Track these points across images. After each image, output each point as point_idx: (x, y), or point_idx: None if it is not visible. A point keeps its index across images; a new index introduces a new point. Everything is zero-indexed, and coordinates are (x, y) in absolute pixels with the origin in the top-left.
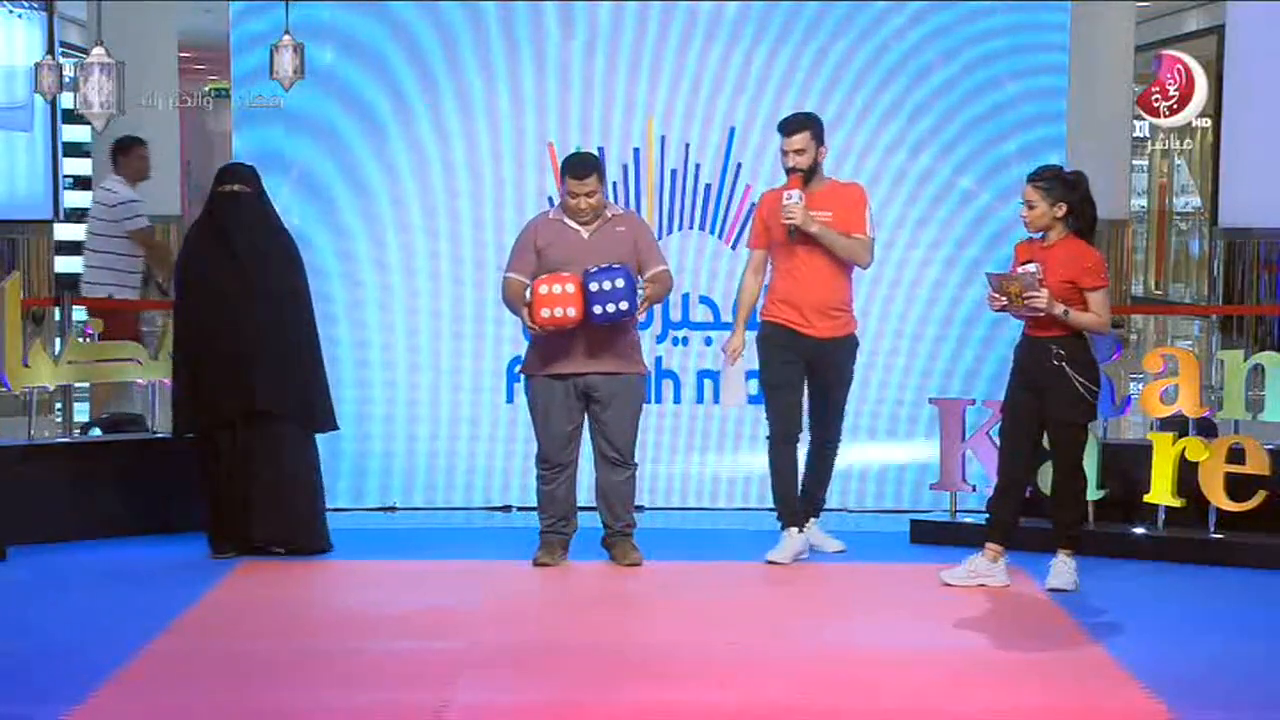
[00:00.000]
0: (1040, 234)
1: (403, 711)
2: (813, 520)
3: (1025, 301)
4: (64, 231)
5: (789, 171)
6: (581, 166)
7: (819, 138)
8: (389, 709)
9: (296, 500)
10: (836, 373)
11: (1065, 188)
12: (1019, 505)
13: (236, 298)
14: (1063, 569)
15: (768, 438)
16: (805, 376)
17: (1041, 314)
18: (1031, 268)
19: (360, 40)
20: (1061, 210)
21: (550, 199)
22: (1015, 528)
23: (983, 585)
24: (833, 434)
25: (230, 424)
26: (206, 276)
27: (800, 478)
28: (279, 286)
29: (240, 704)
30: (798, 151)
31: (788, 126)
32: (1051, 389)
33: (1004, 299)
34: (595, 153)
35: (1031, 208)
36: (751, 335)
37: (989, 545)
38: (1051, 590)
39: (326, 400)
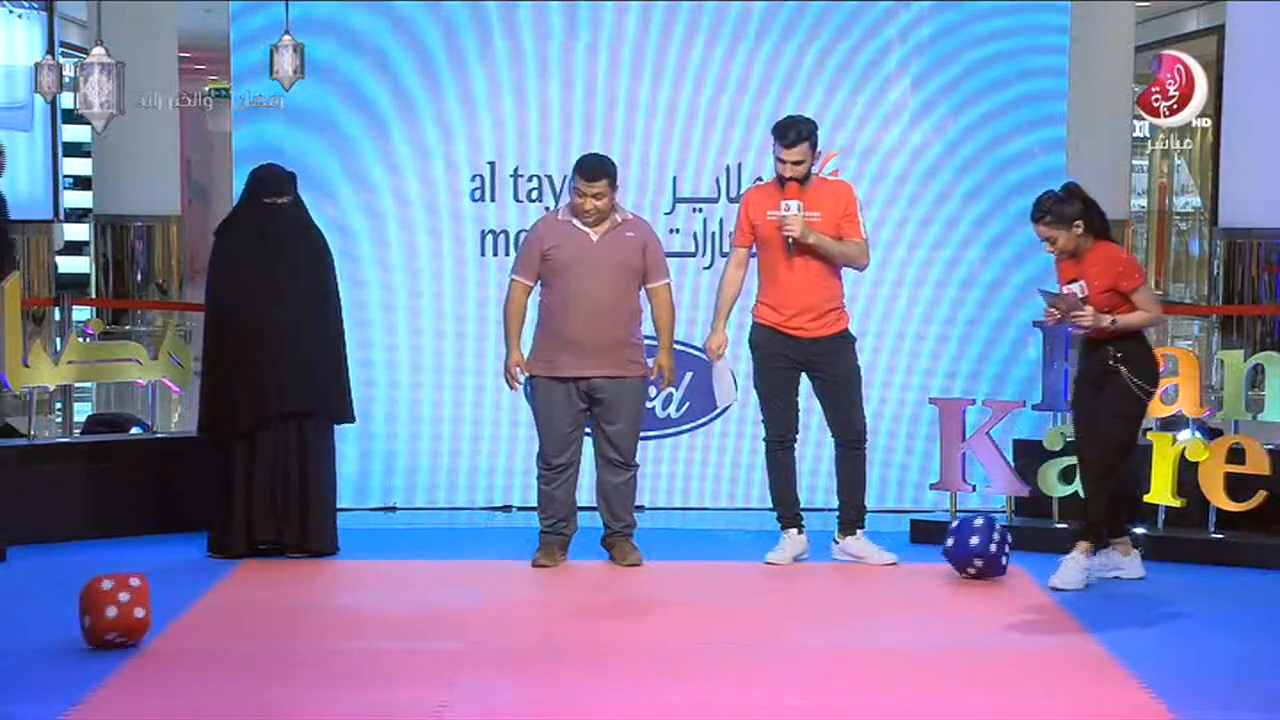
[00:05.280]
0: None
1: (403, 711)
2: (860, 531)
3: (1073, 320)
4: (64, 231)
5: (784, 180)
6: (592, 169)
7: (815, 144)
8: (389, 709)
9: (318, 500)
10: (836, 368)
11: (1067, 207)
12: (1113, 501)
13: (270, 301)
14: (1073, 565)
15: (764, 440)
16: (799, 379)
17: (1092, 329)
18: (1075, 287)
19: (361, 36)
20: (1080, 228)
21: (551, 200)
22: (1134, 516)
23: (1117, 577)
24: (856, 433)
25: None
26: (242, 282)
27: (837, 488)
28: (310, 287)
29: (240, 704)
30: (797, 162)
31: (787, 137)
32: (1108, 386)
33: (1057, 313)
34: (611, 158)
35: (1053, 243)
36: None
37: (1112, 543)
38: (1053, 588)
39: (347, 392)
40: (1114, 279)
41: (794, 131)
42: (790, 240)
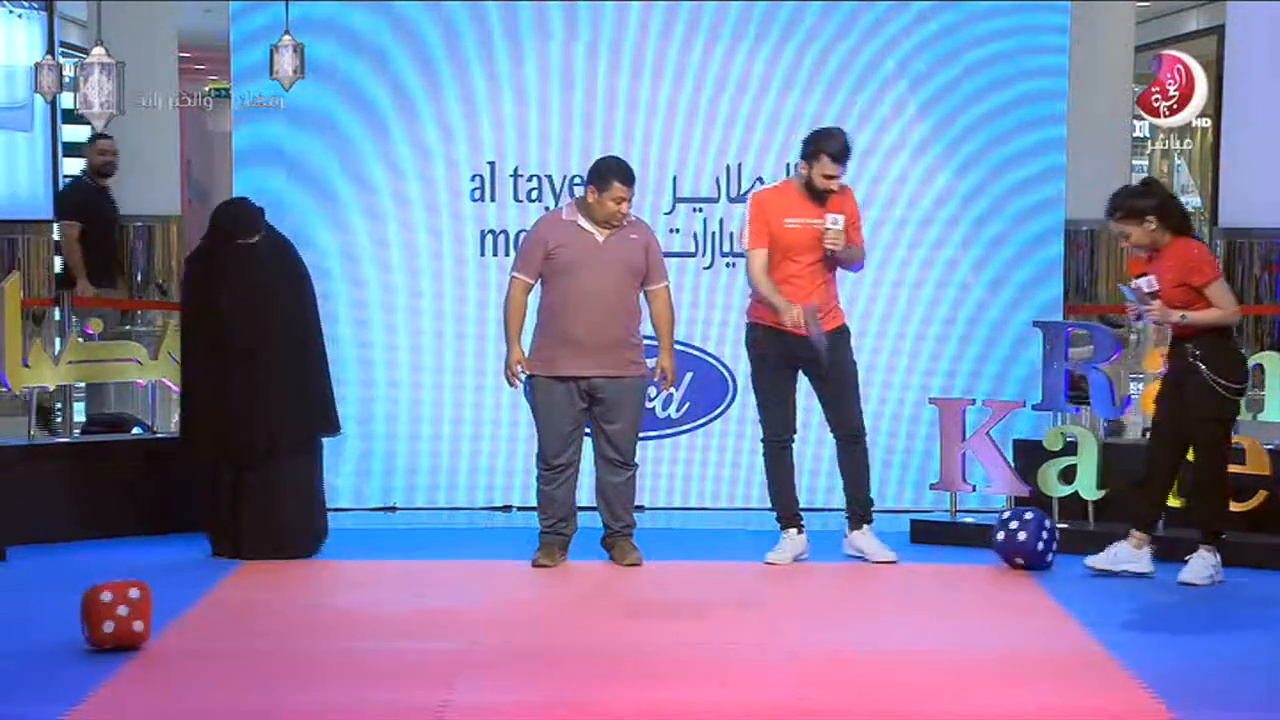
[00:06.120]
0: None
1: (403, 711)
2: (866, 526)
3: (1143, 314)
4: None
5: (823, 192)
6: (630, 173)
7: None
8: (389, 709)
9: (312, 517)
10: (836, 365)
11: (1141, 201)
12: (1161, 495)
13: (256, 340)
14: (1199, 564)
15: (762, 440)
16: (797, 378)
17: (1163, 324)
18: (1143, 282)
19: (361, 36)
20: (1153, 223)
21: (548, 197)
22: (1157, 517)
23: (1125, 571)
24: (855, 428)
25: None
26: (222, 322)
27: (843, 485)
28: (292, 316)
29: (240, 704)
30: (836, 176)
31: (843, 154)
32: (1188, 385)
33: (1134, 308)
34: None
35: (1128, 237)
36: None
37: (1133, 533)
38: (1182, 583)
39: (332, 407)
40: (1185, 274)
41: (847, 149)
42: (830, 252)
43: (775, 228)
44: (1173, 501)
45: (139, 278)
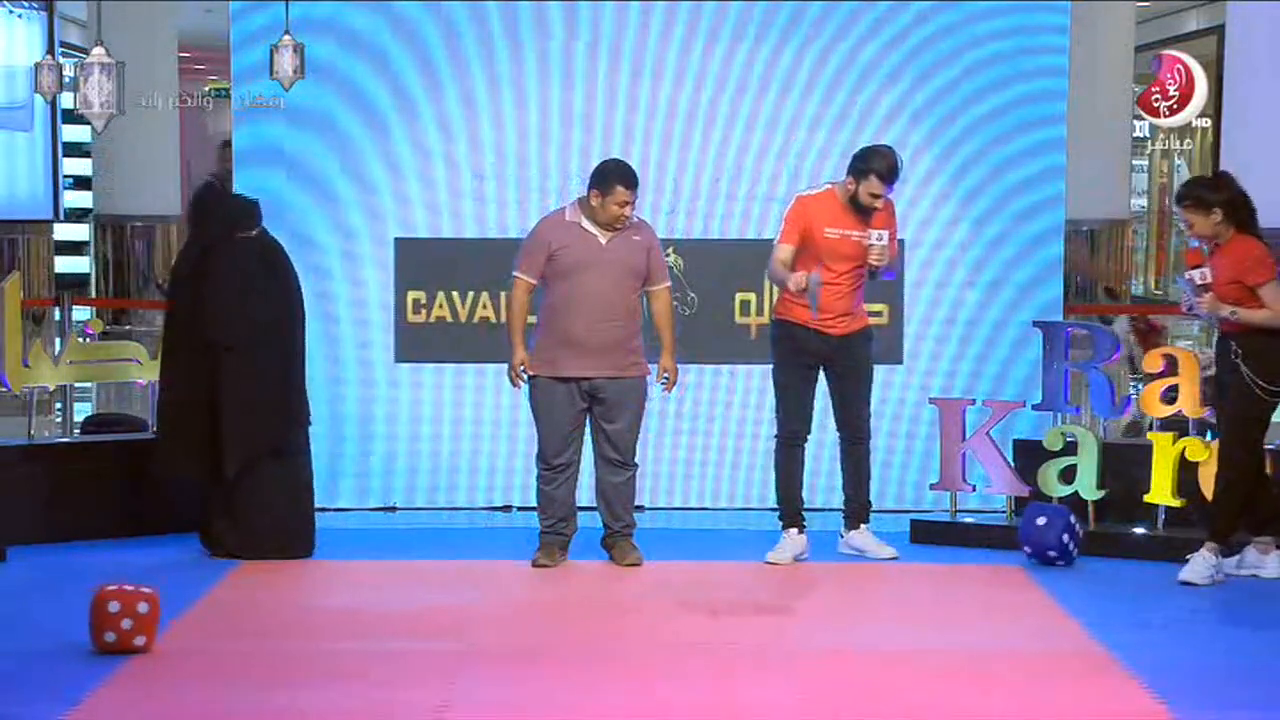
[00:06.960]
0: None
1: (403, 711)
2: (864, 525)
3: (1194, 307)
4: (64, 231)
5: (861, 205)
6: (633, 176)
7: None
8: (389, 709)
9: (311, 515)
10: (854, 361)
11: (1210, 194)
12: (1251, 495)
13: (238, 336)
14: (1200, 563)
15: (775, 437)
16: (818, 377)
17: (1212, 318)
18: (1195, 274)
19: (361, 36)
20: (1218, 215)
21: (548, 197)
22: (1251, 521)
23: (1255, 575)
24: (861, 429)
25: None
26: (208, 315)
27: (842, 484)
28: (279, 317)
29: (240, 704)
30: (881, 195)
31: (891, 174)
32: (1228, 384)
33: (1187, 300)
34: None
35: (1191, 226)
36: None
37: (1255, 540)
38: (1182, 583)
39: (307, 411)
40: (1239, 272)
41: (897, 170)
42: (874, 267)
43: (816, 234)
44: (1173, 501)
45: (140, 278)
